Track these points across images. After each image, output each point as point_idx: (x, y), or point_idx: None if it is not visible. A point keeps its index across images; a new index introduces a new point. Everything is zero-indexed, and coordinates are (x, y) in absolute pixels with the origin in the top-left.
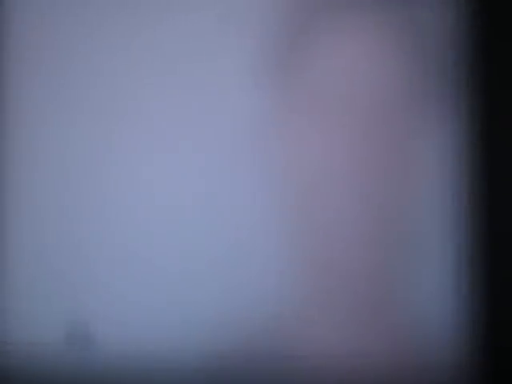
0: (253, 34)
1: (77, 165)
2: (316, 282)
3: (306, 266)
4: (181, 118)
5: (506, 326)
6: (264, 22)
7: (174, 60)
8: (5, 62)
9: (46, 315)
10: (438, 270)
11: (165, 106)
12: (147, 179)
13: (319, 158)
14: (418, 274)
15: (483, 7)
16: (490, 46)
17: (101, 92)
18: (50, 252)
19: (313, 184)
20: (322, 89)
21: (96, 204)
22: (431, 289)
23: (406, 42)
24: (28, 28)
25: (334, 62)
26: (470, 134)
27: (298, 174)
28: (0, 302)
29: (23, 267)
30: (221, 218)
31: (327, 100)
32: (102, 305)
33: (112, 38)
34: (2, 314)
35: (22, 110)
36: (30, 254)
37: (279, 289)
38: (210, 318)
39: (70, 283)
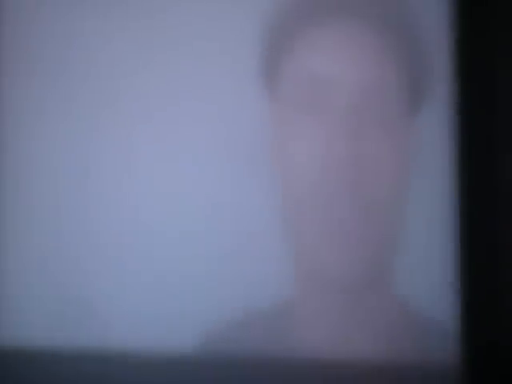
0: (249, 36)
1: (75, 165)
2: (313, 282)
3: (305, 266)
4: (179, 119)
5: (498, 324)
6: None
7: (172, 60)
8: None
9: (44, 316)
10: (434, 269)
11: (162, 107)
12: (145, 180)
13: (315, 158)
14: (413, 272)
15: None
16: (475, 38)
17: (98, 91)
18: (47, 252)
19: (310, 182)
20: (316, 88)
21: (95, 205)
22: (428, 288)
23: (394, 38)
24: (23, 28)
25: (327, 60)
26: (460, 128)
27: (293, 174)
28: None
29: (20, 267)
30: (218, 218)
31: (320, 99)
32: (101, 306)
33: (108, 37)
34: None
35: (16, 110)
36: (27, 254)
37: (277, 289)
38: (208, 318)
39: (69, 284)
